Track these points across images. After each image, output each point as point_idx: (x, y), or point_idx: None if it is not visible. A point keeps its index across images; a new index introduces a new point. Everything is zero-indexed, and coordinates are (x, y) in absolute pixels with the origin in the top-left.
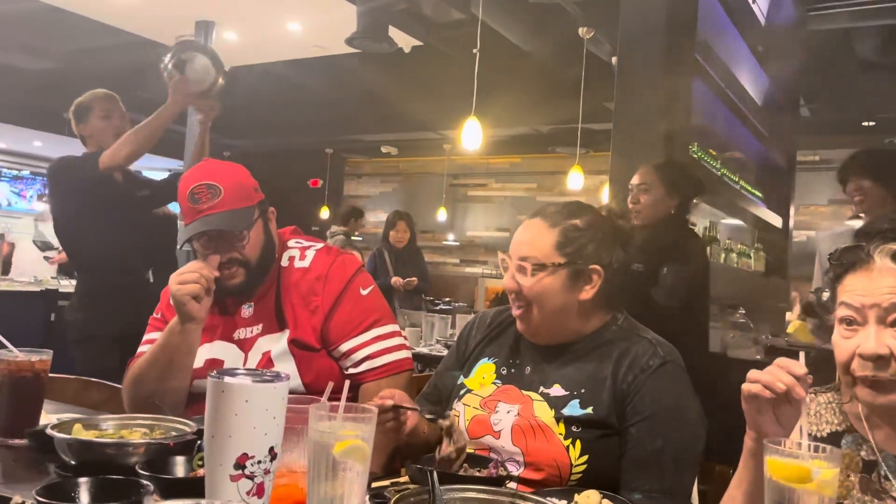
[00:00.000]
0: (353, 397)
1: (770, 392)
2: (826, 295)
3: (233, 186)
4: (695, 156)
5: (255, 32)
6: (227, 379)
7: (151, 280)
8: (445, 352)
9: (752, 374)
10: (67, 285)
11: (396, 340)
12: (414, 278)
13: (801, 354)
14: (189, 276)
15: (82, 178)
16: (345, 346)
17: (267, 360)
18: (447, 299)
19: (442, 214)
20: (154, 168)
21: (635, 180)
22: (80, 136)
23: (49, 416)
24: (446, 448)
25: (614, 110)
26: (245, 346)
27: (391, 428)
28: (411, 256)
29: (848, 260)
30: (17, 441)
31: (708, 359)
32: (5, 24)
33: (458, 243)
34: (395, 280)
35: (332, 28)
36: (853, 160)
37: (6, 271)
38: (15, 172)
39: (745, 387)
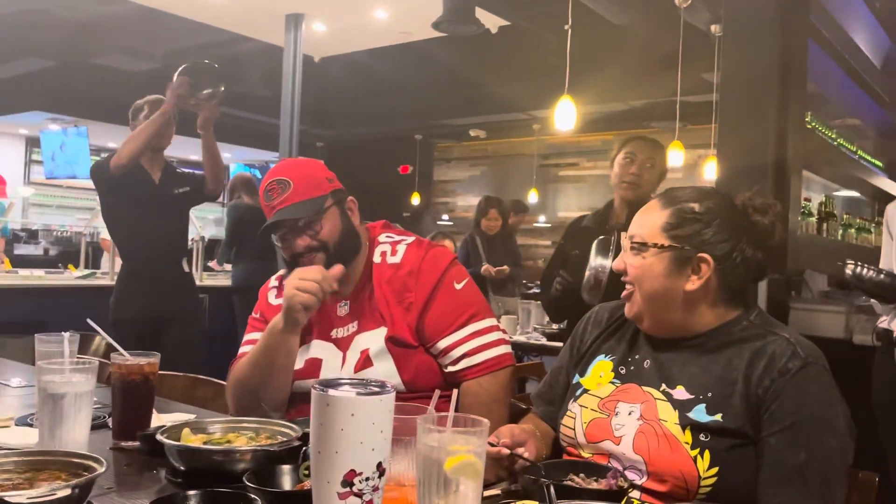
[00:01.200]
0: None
1: None
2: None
3: (302, 179)
4: (809, 126)
5: (342, 22)
6: (332, 392)
7: (186, 269)
8: (543, 340)
9: None
10: None
11: (495, 335)
12: (505, 266)
13: None
14: (309, 286)
15: (109, 178)
16: (442, 344)
17: (365, 359)
18: (540, 282)
19: (533, 196)
20: (252, 160)
21: (641, 153)
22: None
23: (160, 416)
24: None
25: (720, 80)
26: (342, 344)
27: (505, 467)
28: (504, 242)
29: None
30: (129, 443)
31: None
32: (104, 27)
33: (549, 225)
34: (486, 269)
35: (417, 13)
36: None
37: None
38: None
39: None
